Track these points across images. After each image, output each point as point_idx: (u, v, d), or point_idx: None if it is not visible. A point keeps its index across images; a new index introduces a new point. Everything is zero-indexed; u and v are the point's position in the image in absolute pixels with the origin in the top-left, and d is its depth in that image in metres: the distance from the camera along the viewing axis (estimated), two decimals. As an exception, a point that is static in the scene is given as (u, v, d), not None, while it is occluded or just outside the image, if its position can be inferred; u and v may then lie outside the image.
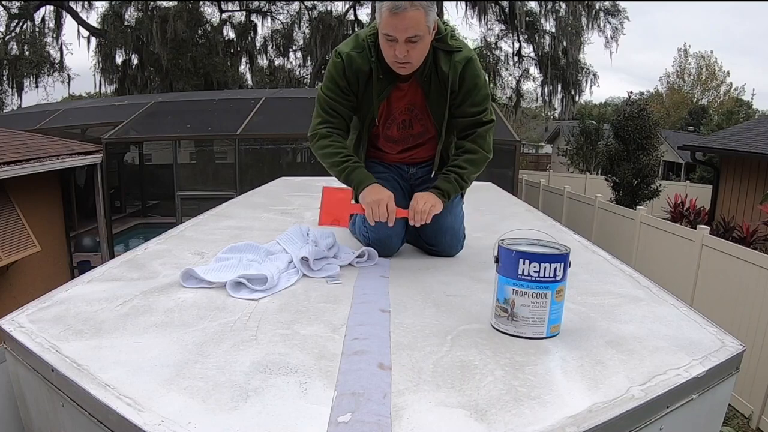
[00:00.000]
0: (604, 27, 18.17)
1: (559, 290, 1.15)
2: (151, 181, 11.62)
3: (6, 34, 17.63)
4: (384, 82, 1.70)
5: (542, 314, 1.15)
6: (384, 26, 1.54)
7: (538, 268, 1.13)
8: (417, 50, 1.58)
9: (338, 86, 1.71)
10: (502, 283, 1.18)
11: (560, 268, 1.14)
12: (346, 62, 1.68)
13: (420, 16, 1.50)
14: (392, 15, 1.50)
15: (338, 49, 1.71)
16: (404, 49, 1.55)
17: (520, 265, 1.13)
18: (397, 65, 1.61)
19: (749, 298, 4.28)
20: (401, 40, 1.53)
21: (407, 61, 1.59)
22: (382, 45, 1.60)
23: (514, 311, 1.16)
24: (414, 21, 1.50)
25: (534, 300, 1.14)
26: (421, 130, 1.86)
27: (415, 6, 1.49)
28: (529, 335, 1.16)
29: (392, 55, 1.58)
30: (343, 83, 1.70)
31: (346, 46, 1.70)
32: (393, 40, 1.54)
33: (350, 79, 1.70)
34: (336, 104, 1.74)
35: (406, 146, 1.90)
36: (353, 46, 1.69)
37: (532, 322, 1.15)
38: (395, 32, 1.52)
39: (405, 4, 1.48)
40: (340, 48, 1.71)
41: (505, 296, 1.17)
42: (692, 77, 29.87)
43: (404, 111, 1.81)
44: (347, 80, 1.70)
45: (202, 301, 1.35)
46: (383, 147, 1.92)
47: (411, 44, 1.55)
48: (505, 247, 1.18)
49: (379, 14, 1.54)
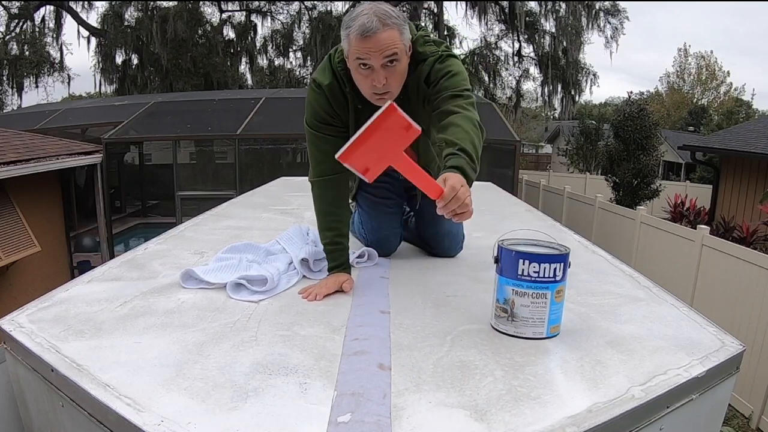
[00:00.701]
0: (604, 27, 18.18)
1: (558, 290, 1.15)
2: (151, 181, 11.62)
3: (6, 34, 17.64)
4: (365, 112, 1.46)
5: (542, 314, 1.15)
6: (355, 53, 1.35)
7: (538, 269, 1.13)
8: (396, 76, 1.40)
9: (323, 121, 1.54)
10: (501, 283, 1.18)
11: (560, 268, 1.14)
12: (329, 94, 1.51)
13: (394, 35, 1.34)
14: (363, 39, 1.32)
15: (317, 80, 1.53)
16: (382, 76, 1.36)
17: (520, 265, 1.13)
18: (375, 97, 1.41)
19: (749, 298, 4.28)
20: (377, 66, 1.35)
21: (386, 91, 1.40)
22: (355, 76, 1.42)
23: (513, 311, 1.16)
24: (389, 41, 1.33)
25: (534, 300, 1.14)
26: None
27: (388, 25, 1.32)
28: (529, 335, 1.16)
29: (369, 86, 1.39)
30: (329, 117, 1.53)
31: (323, 77, 1.52)
32: (368, 67, 1.36)
33: (335, 110, 1.53)
34: (326, 138, 1.54)
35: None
36: (331, 76, 1.51)
37: (532, 323, 1.15)
38: (369, 57, 1.34)
39: (375, 24, 1.31)
40: (318, 78, 1.52)
41: (505, 296, 1.17)
42: (692, 77, 29.89)
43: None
44: (333, 111, 1.53)
45: (202, 302, 1.35)
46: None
47: (389, 69, 1.37)
48: (504, 248, 1.18)
49: (348, 41, 1.36)
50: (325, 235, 1.56)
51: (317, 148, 1.56)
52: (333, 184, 1.56)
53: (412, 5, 17.94)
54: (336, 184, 1.57)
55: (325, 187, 1.57)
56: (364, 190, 1.85)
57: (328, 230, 1.55)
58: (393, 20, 1.34)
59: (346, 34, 1.36)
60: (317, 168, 1.57)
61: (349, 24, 1.35)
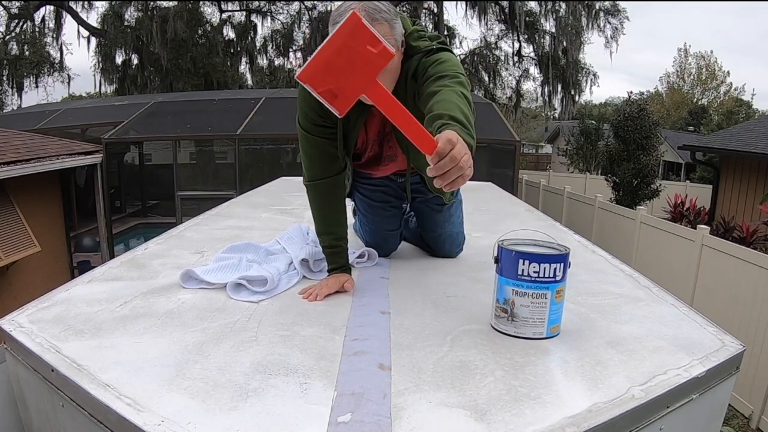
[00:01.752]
0: (604, 27, 18.19)
1: (558, 291, 1.15)
2: (151, 181, 11.61)
3: (6, 34, 17.64)
4: (354, 112, 1.35)
5: (542, 315, 1.14)
6: None
7: (538, 269, 1.12)
8: (388, 74, 1.33)
9: (313, 122, 1.48)
10: (501, 283, 1.18)
11: (560, 268, 1.14)
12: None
13: (384, 30, 1.26)
14: None
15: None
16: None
17: (520, 265, 1.13)
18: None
19: (749, 298, 4.28)
20: None
21: None
22: None
23: (513, 312, 1.16)
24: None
25: (534, 300, 1.14)
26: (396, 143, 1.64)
27: (377, 20, 1.26)
28: (529, 336, 1.15)
29: None
30: (318, 118, 1.47)
31: None
32: None
33: (324, 109, 1.39)
34: (316, 140, 1.50)
35: (388, 161, 1.71)
36: None
37: (532, 323, 1.15)
38: None
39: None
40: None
41: (505, 297, 1.17)
42: (692, 77, 29.89)
43: (379, 131, 1.61)
44: (324, 113, 1.43)
45: (202, 303, 1.35)
46: (366, 169, 1.75)
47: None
48: (504, 248, 1.17)
49: None
50: (323, 239, 1.55)
51: (308, 151, 1.53)
52: (327, 188, 1.54)
53: (412, 5, 17.96)
54: (330, 188, 1.54)
55: (320, 190, 1.54)
56: (360, 192, 1.81)
57: (326, 234, 1.54)
58: (383, 14, 1.29)
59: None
60: (310, 171, 1.54)
61: (337, 20, 1.26)
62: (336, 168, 1.55)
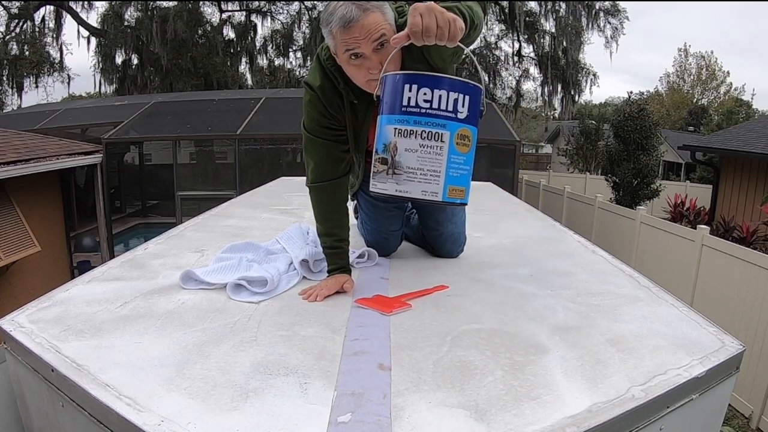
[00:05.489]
0: (604, 27, 18.19)
1: (462, 134, 0.83)
2: (151, 181, 11.61)
3: (6, 34, 17.64)
4: (361, 106, 1.47)
5: (435, 165, 0.82)
6: (342, 45, 1.29)
7: (430, 96, 0.83)
8: (393, 62, 1.31)
9: (320, 124, 1.50)
10: (382, 124, 0.89)
11: (463, 101, 0.83)
12: (321, 95, 1.46)
13: (378, 18, 1.28)
14: (347, 29, 1.26)
15: (308, 82, 1.49)
16: (376, 61, 1.29)
17: (406, 92, 0.84)
18: (373, 84, 1.31)
19: (749, 298, 4.28)
20: (368, 52, 1.28)
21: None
22: (348, 70, 1.36)
23: (396, 160, 0.84)
24: (374, 24, 1.27)
25: (424, 143, 0.83)
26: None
27: (368, 9, 1.26)
28: (417, 195, 0.84)
29: (364, 75, 1.32)
30: (325, 120, 1.49)
31: (314, 78, 1.47)
32: (359, 56, 1.30)
33: (331, 112, 1.48)
34: (323, 142, 1.51)
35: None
36: (322, 76, 1.46)
37: (422, 175, 0.83)
38: (358, 46, 1.28)
39: (355, 12, 1.25)
40: (310, 81, 1.48)
41: (385, 141, 0.85)
42: (692, 77, 29.90)
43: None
44: (328, 112, 1.48)
45: (202, 303, 1.35)
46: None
47: (381, 52, 1.29)
48: (389, 74, 0.88)
49: (332, 37, 1.31)
50: (324, 240, 1.55)
51: (314, 153, 1.53)
52: (331, 190, 1.54)
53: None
54: (334, 189, 1.55)
55: (323, 192, 1.55)
56: (365, 191, 1.83)
57: (327, 236, 1.55)
58: (372, 3, 1.28)
59: (329, 30, 1.31)
60: (314, 173, 1.54)
61: (329, 19, 1.29)
62: (340, 171, 1.56)
